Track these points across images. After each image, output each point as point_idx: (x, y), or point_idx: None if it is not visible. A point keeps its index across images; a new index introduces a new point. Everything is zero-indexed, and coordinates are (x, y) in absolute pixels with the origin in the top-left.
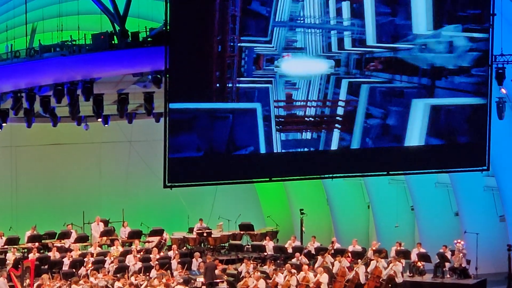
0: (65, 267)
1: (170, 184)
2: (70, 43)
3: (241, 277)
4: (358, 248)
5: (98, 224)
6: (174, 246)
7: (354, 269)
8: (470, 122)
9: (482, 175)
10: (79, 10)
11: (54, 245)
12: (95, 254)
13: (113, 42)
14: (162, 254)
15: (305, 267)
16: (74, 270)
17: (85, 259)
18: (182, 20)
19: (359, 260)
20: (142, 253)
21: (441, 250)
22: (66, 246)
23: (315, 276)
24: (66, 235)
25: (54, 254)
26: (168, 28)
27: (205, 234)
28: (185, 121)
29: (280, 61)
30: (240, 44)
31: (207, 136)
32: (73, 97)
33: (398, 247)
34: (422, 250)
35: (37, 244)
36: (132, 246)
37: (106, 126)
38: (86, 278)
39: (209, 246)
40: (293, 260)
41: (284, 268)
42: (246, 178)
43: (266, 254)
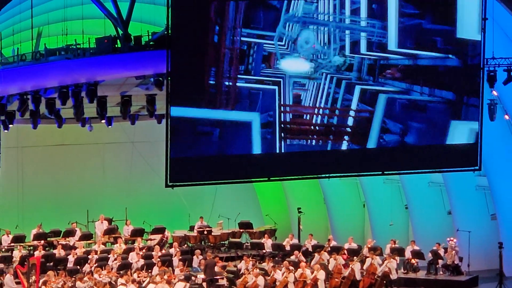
0: (69, 264)
1: (171, 183)
2: (74, 47)
3: (240, 273)
4: (354, 245)
5: (102, 222)
6: (176, 244)
7: (350, 266)
8: None
9: (474, 175)
10: (83, 14)
11: (59, 242)
12: (99, 252)
13: (116, 46)
14: (164, 251)
15: (302, 264)
16: (78, 267)
17: (89, 257)
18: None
19: (355, 257)
20: (144, 250)
21: (434, 248)
22: (71, 243)
23: (312, 273)
24: (70, 233)
25: (59, 252)
26: (169, 32)
27: (205, 232)
28: (184, 127)
29: (287, 59)
30: (244, 38)
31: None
32: (77, 99)
33: (393, 245)
34: (416, 248)
35: (42, 241)
36: (134, 244)
37: (110, 127)
38: (90, 274)
39: (209, 243)
40: (291, 257)
41: (282, 265)
42: (245, 177)
43: (264, 251)
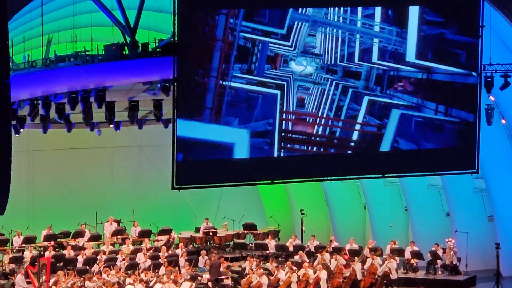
0: (79, 265)
1: (178, 186)
2: (83, 54)
3: (245, 273)
4: (355, 246)
5: (111, 224)
6: (182, 245)
7: (351, 266)
8: None
9: (472, 178)
10: (92, 22)
11: (69, 243)
12: (108, 252)
13: (124, 52)
14: (170, 252)
15: (305, 264)
16: (87, 267)
17: (98, 257)
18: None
19: (356, 257)
20: (151, 251)
21: (433, 248)
22: (80, 244)
23: (315, 273)
24: (80, 234)
25: (68, 252)
26: (176, 39)
27: (211, 233)
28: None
29: (293, 61)
30: (248, 34)
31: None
32: (86, 104)
33: (393, 245)
34: (415, 248)
35: (52, 242)
36: (142, 245)
37: (118, 131)
38: (99, 274)
39: (214, 244)
40: (295, 257)
41: (285, 265)
42: (249, 180)
43: (268, 252)
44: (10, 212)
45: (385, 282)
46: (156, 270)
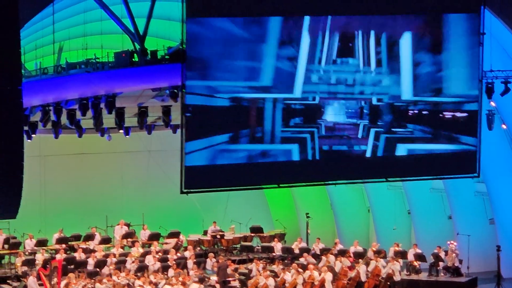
0: (89, 267)
1: (186, 190)
2: (94, 61)
3: (251, 275)
4: (359, 249)
5: (122, 227)
6: (190, 247)
7: (356, 268)
8: None
9: (473, 182)
10: (102, 30)
11: (80, 246)
12: (118, 255)
13: (133, 59)
14: (179, 254)
15: (310, 266)
16: (98, 269)
17: (108, 260)
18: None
19: (360, 260)
20: (160, 253)
21: (435, 251)
22: (91, 247)
23: (320, 274)
24: (90, 237)
25: (79, 255)
26: (184, 46)
27: (218, 236)
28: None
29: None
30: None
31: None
32: (97, 110)
33: (396, 248)
34: (418, 251)
35: (64, 245)
36: (151, 247)
37: (127, 137)
38: (109, 277)
39: (222, 247)
40: (300, 259)
41: (291, 267)
42: (256, 184)
43: (274, 254)
44: (23, 215)
45: (388, 283)
46: (165, 272)
